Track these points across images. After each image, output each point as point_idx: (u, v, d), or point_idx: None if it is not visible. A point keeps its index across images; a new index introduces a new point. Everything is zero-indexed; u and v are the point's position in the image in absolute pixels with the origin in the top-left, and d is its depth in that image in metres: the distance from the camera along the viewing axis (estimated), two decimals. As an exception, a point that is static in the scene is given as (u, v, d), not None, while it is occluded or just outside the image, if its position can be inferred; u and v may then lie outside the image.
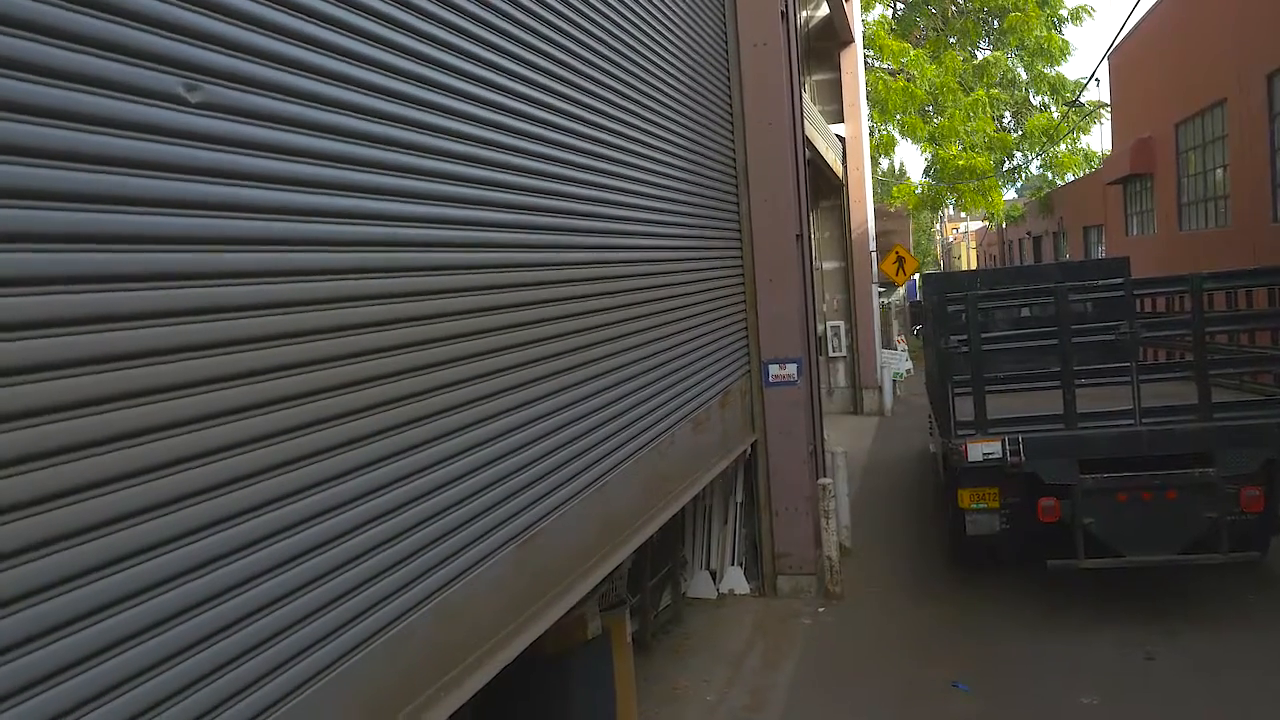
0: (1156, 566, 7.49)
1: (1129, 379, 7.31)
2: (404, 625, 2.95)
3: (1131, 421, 7.19)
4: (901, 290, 28.08)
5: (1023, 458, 7.10)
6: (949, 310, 8.02)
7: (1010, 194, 33.53)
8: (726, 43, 8.08)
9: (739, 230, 8.16)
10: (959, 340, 7.72)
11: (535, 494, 3.85)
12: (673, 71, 6.44)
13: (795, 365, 8.34)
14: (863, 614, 7.94)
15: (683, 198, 6.45)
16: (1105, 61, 24.14)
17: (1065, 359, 7.26)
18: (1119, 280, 8.24)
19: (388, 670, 2.87)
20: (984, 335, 7.65)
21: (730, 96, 8.12)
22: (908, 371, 24.62)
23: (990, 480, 7.52)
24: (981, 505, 7.61)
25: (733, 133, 8.13)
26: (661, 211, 5.94)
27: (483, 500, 3.45)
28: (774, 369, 8.33)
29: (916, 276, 29.21)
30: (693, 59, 7.01)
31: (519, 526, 3.71)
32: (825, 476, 8.85)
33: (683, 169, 6.49)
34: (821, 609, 8.04)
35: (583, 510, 4.35)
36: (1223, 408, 7.20)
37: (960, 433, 7.42)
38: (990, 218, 31.50)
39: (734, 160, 8.11)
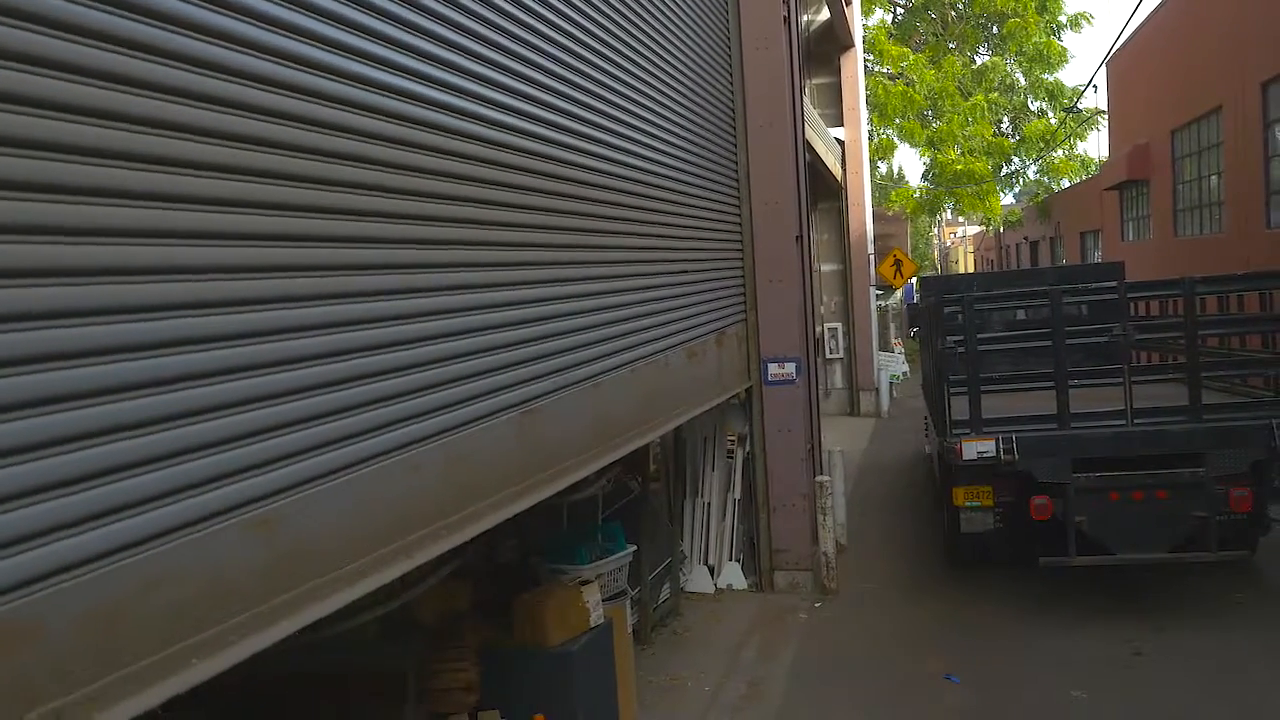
0: (1147, 564, 7.63)
1: (1121, 380, 7.44)
2: (415, 453, 3.17)
3: (1124, 422, 7.32)
4: (899, 293, 28.23)
5: (1016, 456, 7.22)
6: (946, 311, 8.15)
7: (1007, 200, 33.69)
8: (729, 45, 8.21)
9: (739, 221, 8.32)
10: (955, 341, 7.85)
11: (535, 371, 4.14)
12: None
13: (794, 364, 8.46)
14: (858, 609, 8.07)
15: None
16: (1103, 68, 24.28)
17: (1059, 360, 7.39)
18: (1113, 283, 8.38)
19: (401, 491, 3.09)
20: (980, 336, 7.78)
21: (733, 97, 8.25)
22: (904, 374, 24.75)
23: (984, 479, 7.65)
24: (975, 503, 7.74)
25: (735, 133, 8.26)
26: (664, 165, 6.28)
27: (487, 361, 3.72)
28: (773, 367, 8.45)
29: (914, 280, 29.38)
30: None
31: (519, 397, 3.98)
32: (822, 474, 8.98)
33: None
34: (818, 604, 8.17)
35: (579, 401, 4.66)
36: (1212, 409, 7.34)
37: (955, 431, 7.54)
38: (988, 222, 31.66)
39: (735, 160, 8.25)
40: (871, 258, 20.33)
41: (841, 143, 19.18)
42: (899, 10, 29.21)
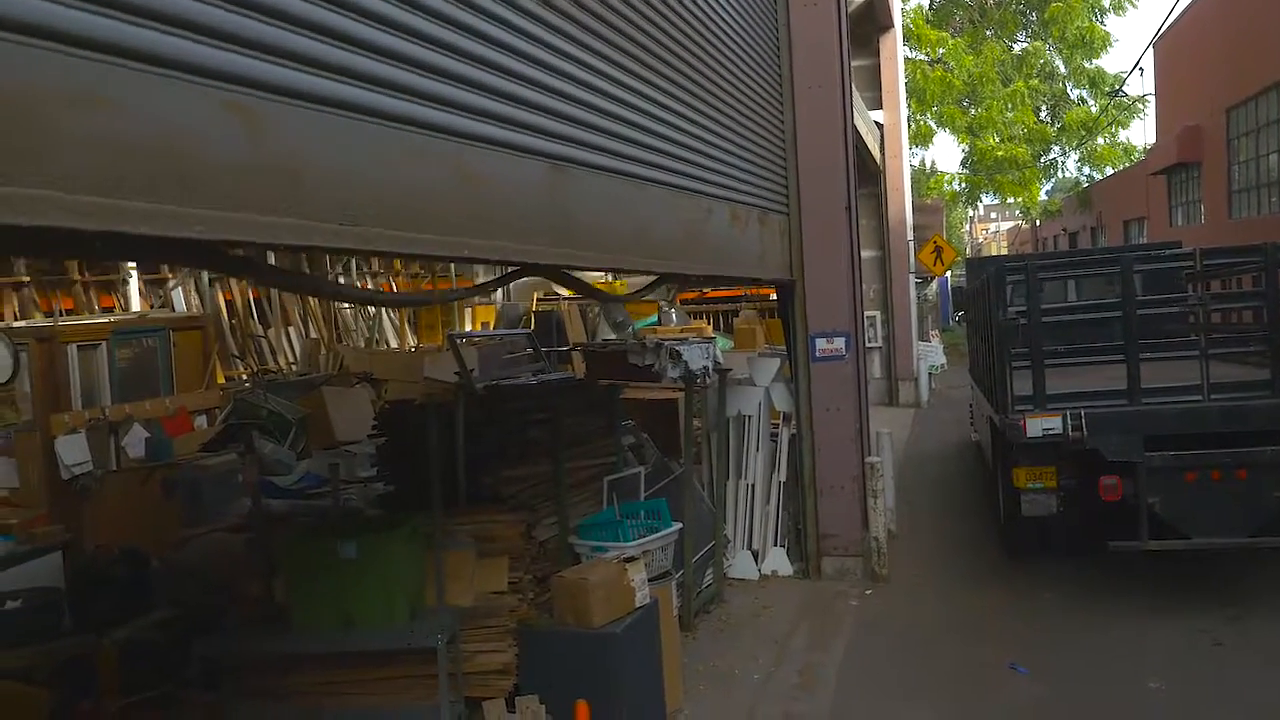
0: (1222, 550, 7.14)
1: (1195, 354, 6.97)
2: (419, 138, 2.92)
3: (1200, 397, 6.85)
4: (934, 284, 27.62)
5: (1085, 433, 6.77)
6: (1008, 281, 7.69)
7: (1043, 195, 32.92)
8: (776, 2, 7.82)
9: (785, 186, 7.95)
10: (1018, 312, 7.42)
11: (568, 132, 3.87)
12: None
13: (844, 339, 8.06)
14: (912, 597, 7.66)
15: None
16: (1150, 50, 23.60)
17: (1130, 331, 6.94)
18: (1188, 250, 7.89)
19: (404, 174, 2.86)
20: (1044, 308, 7.33)
21: (780, 58, 7.86)
22: (942, 365, 24.23)
23: (1048, 459, 7.22)
24: (1038, 485, 7.30)
25: (780, 92, 7.87)
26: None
27: (511, 87, 3.43)
28: (821, 343, 8.04)
29: (948, 274, 28.77)
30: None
31: (548, 148, 3.71)
32: (872, 455, 8.56)
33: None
34: (869, 591, 7.76)
35: (620, 194, 4.43)
36: None
37: (1019, 407, 7.11)
38: (1026, 211, 30.98)
39: (781, 120, 7.86)
40: (911, 244, 19.79)
41: (880, 126, 18.66)
42: (936, -5, 28.60)
